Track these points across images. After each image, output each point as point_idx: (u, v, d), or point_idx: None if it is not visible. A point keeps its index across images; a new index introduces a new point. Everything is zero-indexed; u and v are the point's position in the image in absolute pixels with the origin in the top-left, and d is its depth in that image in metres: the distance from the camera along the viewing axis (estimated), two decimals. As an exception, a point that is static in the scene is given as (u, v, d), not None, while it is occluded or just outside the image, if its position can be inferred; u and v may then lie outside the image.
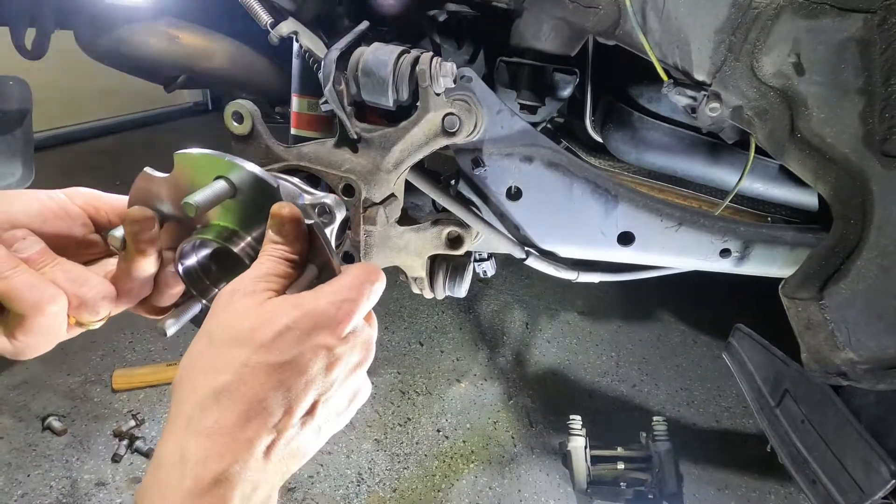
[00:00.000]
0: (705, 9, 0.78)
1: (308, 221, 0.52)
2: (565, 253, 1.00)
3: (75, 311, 0.53)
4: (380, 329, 0.58)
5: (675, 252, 0.96)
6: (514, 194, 0.94)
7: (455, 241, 0.94)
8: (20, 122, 1.31)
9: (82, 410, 2.01)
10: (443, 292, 1.00)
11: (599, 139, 1.28)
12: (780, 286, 0.86)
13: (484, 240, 0.96)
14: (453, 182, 0.97)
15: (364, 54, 0.77)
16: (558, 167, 0.92)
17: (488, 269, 1.09)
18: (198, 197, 0.50)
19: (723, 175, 1.16)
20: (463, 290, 1.00)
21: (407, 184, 0.90)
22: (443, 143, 0.82)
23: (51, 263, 0.52)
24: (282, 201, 0.53)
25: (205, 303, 0.60)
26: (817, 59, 0.73)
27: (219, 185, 0.53)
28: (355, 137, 0.81)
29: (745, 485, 1.90)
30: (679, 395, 2.31)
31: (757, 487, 1.89)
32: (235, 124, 0.76)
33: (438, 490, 1.84)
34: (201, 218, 0.57)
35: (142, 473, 1.81)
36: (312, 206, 0.57)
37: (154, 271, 0.57)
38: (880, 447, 0.94)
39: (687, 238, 0.95)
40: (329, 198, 0.58)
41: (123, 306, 0.58)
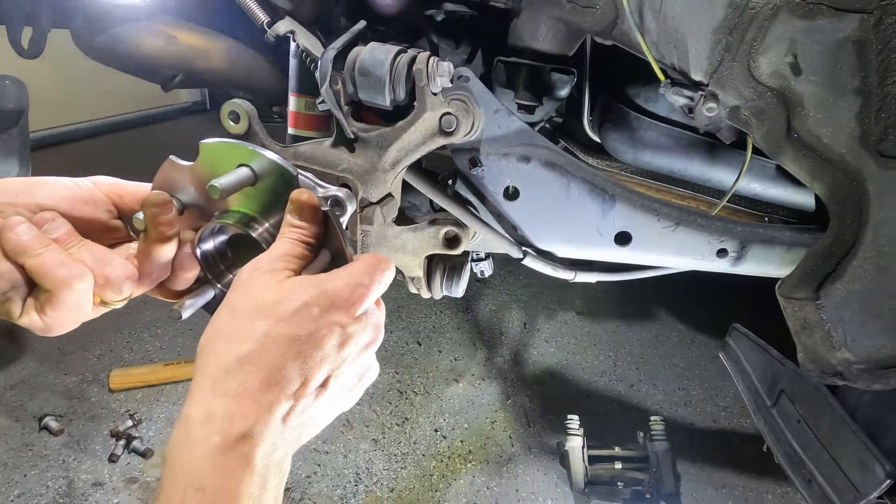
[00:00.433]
0: (702, 9, 0.79)
1: (324, 208, 0.56)
2: (563, 253, 1.00)
3: (100, 290, 0.56)
4: (377, 329, 0.58)
5: (673, 252, 0.96)
6: (512, 194, 0.94)
7: (452, 241, 0.94)
8: (16, 122, 1.31)
9: (79, 410, 2.01)
10: (440, 292, 1.00)
11: (597, 139, 1.28)
12: (776, 286, 0.86)
13: (481, 240, 0.96)
14: (450, 182, 0.96)
15: (361, 54, 0.77)
16: (555, 167, 0.92)
17: (486, 268, 1.09)
18: (222, 181, 0.54)
19: (720, 175, 1.16)
20: (460, 289, 1.00)
21: (404, 183, 0.90)
22: (440, 142, 0.82)
23: (77, 244, 0.56)
24: (300, 188, 0.56)
25: (220, 287, 0.63)
26: (814, 60, 0.74)
27: (242, 172, 0.57)
28: (352, 137, 0.81)
29: (742, 484, 1.91)
30: (677, 394, 2.31)
31: (754, 487, 1.90)
32: (232, 123, 0.76)
33: (436, 490, 1.84)
34: (221, 204, 0.60)
35: (139, 473, 1.80)
36: (325, 199, 0.59)
37: (172, 254, 0.60)
38: (875, 447, 0.94)
39: (684, 238, 0.95)
40: (341, 191, 0.62)
41: (144, 288, 0.60)
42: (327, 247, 0.57)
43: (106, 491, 1.74)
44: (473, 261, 1.08)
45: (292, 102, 1.03)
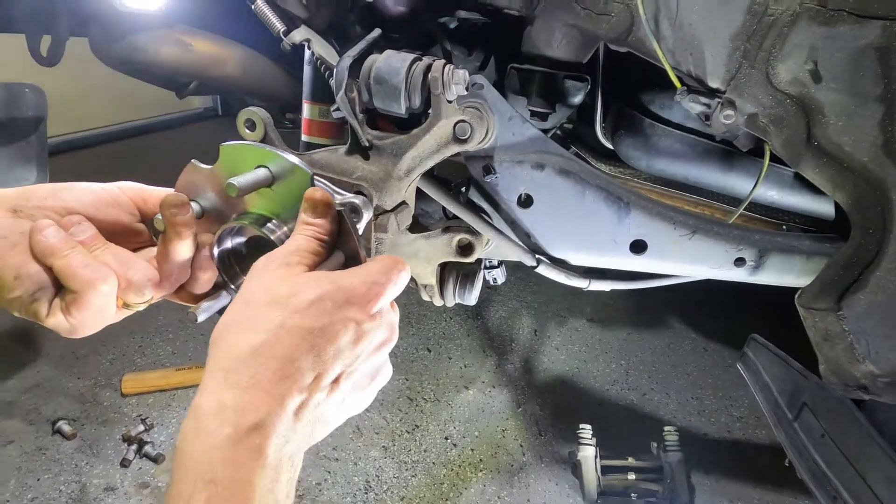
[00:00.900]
0: (719, 16, 0.78)
1: (338, 207, 0.57)
2: (577, 261, 0.99)
3: (123, 292, 0.57)
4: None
5: (689, 260, 0.95)
6: (525, 202, 0.93)
7: (466, 249, 0.94)
8: (35, 128, 1.33)
9: (92, 415, 2.02)
10: (453, 300, 1.00)
11: (610, 146, 1.28)
12: (796, 296, 0.85)
13: (494, 247, 0.96)
14: (464, 189, 0.96)
15: (376, 62, 0.77)
16: (570, 174, 0.91)
17: (498, 276, 1.09)
18: (240, 179, 0.55)
19: (736, 183, 1.15)
20: (473, 297, 0.99)
21: (418, 191, 0.90)
22: (454, 150, 0.81)
23: (101, 247, 0.57)
24: (315, 187, 0.57)
25: (235, 290, 0.64)
26: (835, 67, 0.72)
27: (259, 172, 0.58)
28: (367, 145, 0.81)
29: (758, 497, 1.87)
30: (690, 404, 2.28)
31: (770, 500, 1.86)
32: (248, 131, 0.76)
33: (446, 499, 1.82)
34: (240, 207, 0.61)
35: (151, 478, 1.81)
36: (342, 205, 0.59)
37: (190, 255, 0.61)
38: (904, 464, 0.91)
39: (701, 246, 0.93)
40: (358, 198, 0.63)
41: (164, 291, 0.61)
42: (341, 248, 0.57)
43: (118, 496, 1.75)
44: (486, 268, 1.08)
45: (306, 110, 1.03)
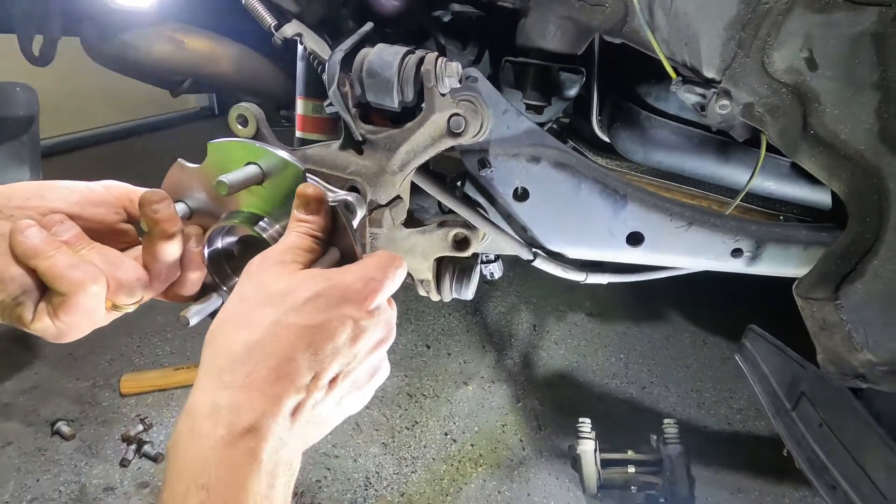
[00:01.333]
0: (714, 5, 0.77)
1: (332, 203, 0.55)
2: (573, 254, 0.99)
3: (112, 293, 0.55)
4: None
5: (686, 252, 0.95)
6: (521, 195, 0.93)
7: (461, 243, 0.93)
8: (27, 129, 1.32)
9: (91, 415, 2.02)
10: (449, 294, 0.99)
11: (606, 138, 1.27)
12: (794, 286, 0.84)
13: (491, 241, 0.95)
14: (459, 183, 0.96)
15: (368, 55, 0.76)
16: (566, 167, 0.90)
17: (495, 270, 1.08)
18: (230, 176, 0.54)
19: (733, 174, 1.15)
20: (470, 292, 0.99)
21: (413, 185, 0.89)
22: (448, 144, 0.81)
23: (87, 247, 0.55)
24: (307, 183, 0.56)
25: (227, 291, 0.63)
26: (830, 54, 0.72)
27: (249, 169, 0.57)
28: (360, 139, 0.80)
29: (758, 488, 1.87)
30: (690, 396, 2.28)
31: (770, 491, 1.86)
32: (240, 127, 0.76)
33: (447, 494, 1.82)
34: (230, 206, 0.60)
35: (150, 478, 1.81)
36: (335, 202, 0.58)
37: (177, 253, 0.59)
38: (903, 452, 0.92)
39: (698, 238, 0.93)
40: (351, 195, 0.62)
41: (154, 291, 0.60)
42: (337, 245, 0.56)
43: (117, 495, 1.75)
44: (483, 263, 1.07)
45: (300, 105, 1.03)
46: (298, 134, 1.04)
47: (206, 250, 0.61)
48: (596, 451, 1.77)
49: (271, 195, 0.59)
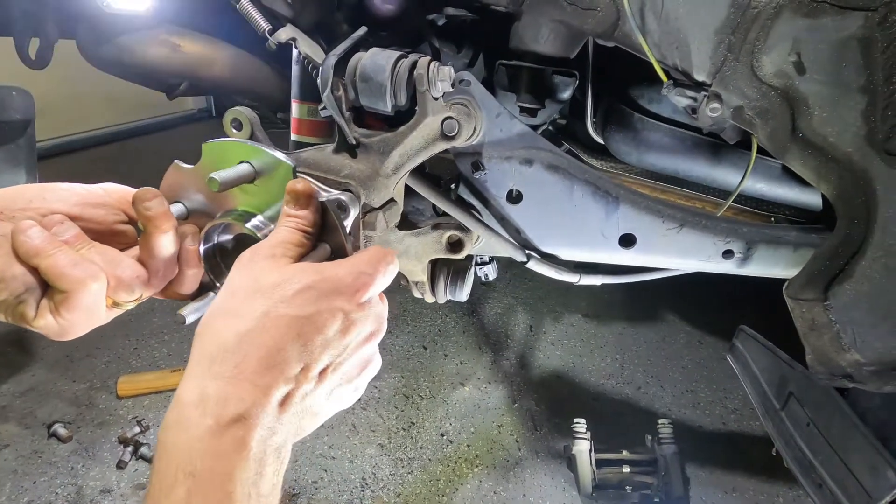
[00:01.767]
0: (704, 9, 0.78)
1: (321, 199, 0.56)
2: (567, 256, 1.00)
3: (112, 290, 0.56)
4: (383, 333, 0.58)
5: (678, 254, 0.96)
6: (515, 197, 0.94)
7: (456, 245, 0.94)
8: (23, 132, 1.32)
9: (87, 417, 2.02)
10: (444, 296, 1.00)
11: (601, 141, 1.28)
12: (784, 287, 0.85)
13: (485, 243, 0.96)
14: (453, 186, 0.96)
15: (362, 59, 0.77)
16: (558, 170, 0.91)
17: (490, 272, 1.09)
18: (222, 173, 0.55)
19: (725, 176, 1.16)
20: (464, 294, 1.00)
21: (407, 188, 0.90)
22: (442, 147, 0.81)
23: (87, 246, 0.56)
24: (297, 179, 0.57)
25: (220, 287, 0.63)
26: (818, 58, 0.73)
27: (241, 167, 0.58)
28: (354, 143, 0.81)
29: (752, 488, 1.88)
30: (685, 397, 2.29)
31: (765, 490, 1.87)
32: (235, 131, 0.76)
33: (443, 495, 1.83)
34: (225, 204, 0.61)
35: (147, 480, 1.81)
36: (329, 202, 0.59)
37: (173, 249, 0.60)
38: (887, 451, 0.93)
39: (689, 239, 0.94)
40: (344, 195, 0.63)
41: (154, 289, 0.61)
42: (327, 241, 0.57)
43: (114, 497, 1.75)
44: (477, 264, 1.08)
45: (295, 109, 1.03)
46: (294, 137, 1.05)
47: (202, 248, 0.62)
48: (591, 451, 1.77)
49: (264, 193, 0.60)
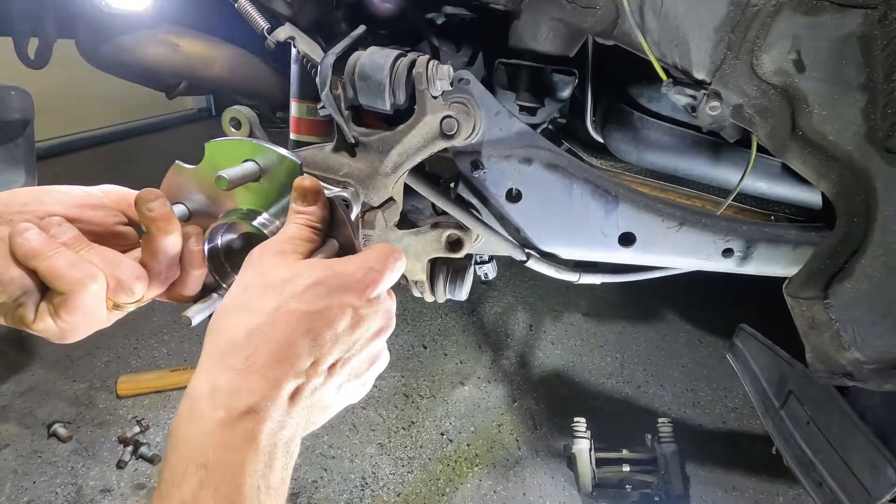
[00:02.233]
0: (704, 7, 0.78)
1: (328, 195, 0.56)
2: (566, 254, 1.00)
3: (112, 292, 0.55)
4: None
5: (677, 252, 0.96)
6: (514, 196, 0.93)
7: (455, 244, 0.94)
8: (22, 131, 1.32)
9: (87, 417, 2.02)
10: (443, 295, 1.00)
11: (600, 139, 1.28)
12: (783, 285, 0.85)
13: (484, 242, 0.96)
14: (453, 185, 0.96)
15: (360, 58, 0.77)
16: (558, 168, 0.91)
17: (489, 271, 1.09)
18: (230, 172, 0.55)
19: (725, 174, 1.16)
20: (464, 293, 1.00)
21: (406, 187, 0.90)
22: (441, 145, 0.81)
23: (86, 248, 0.55)
24: (304, 175, 0.57)
25: (225, 289, 0.63)
26: (818, 56, 0.73)
27: (247, 165, 0.58)
28: (353, 142, 0.81)
29: (752, 486, 1.88)
30: (685, 395, 2.29)
31: (765, 489, 1.87)
32: (233, 130, 0.76)
33: (443, 494, 1.83)
34: (228, 204, 0.60)
35: (147, 479, 1.81)
36: (337, 199, 0.59)
37: (176, 249, 0.59)
38: (887, 449, 0.93)
39: (689, 238, 0.94)
40: (347, 191, 0.63)
41: (155, 290, 0.60)
42: (335, 237, 0.57)
43: (114, 497, 1.75)
44: (477, 264, 1.08)
45: (294, 108, 1.03)
46: (293, 136, 1.05)
47: (206, 247, 0.61)
48: (591, 450, 1.77)
49: (269, 191, 0.59)
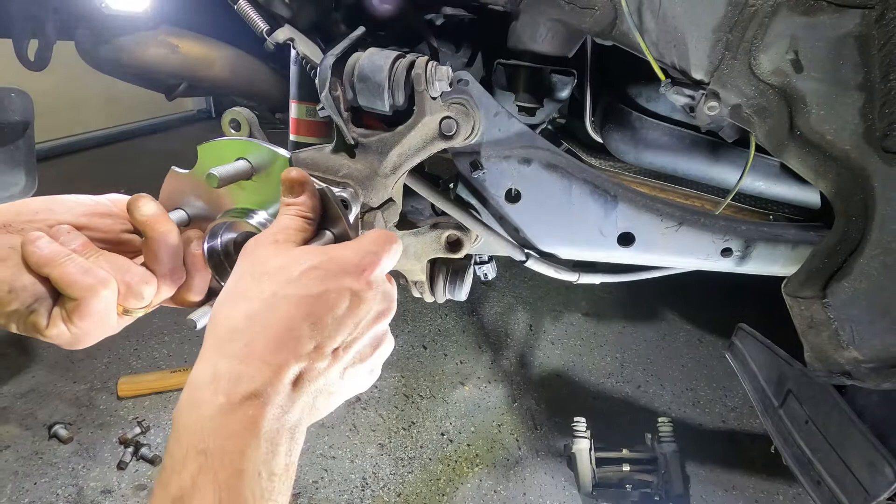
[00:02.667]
0: (702, 7, 0.78)
1: (318, 186, 0.56)
2: (565, 254, 1.00)
3: (122, 297, 0.56)
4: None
5: (676, 252, 0.96)
6: (514, 197, 0.94)
7: (454, 245, 0.94)
8: (22, 133, 1.32)
9: (88, 418, 2.02)
10: (443, 296, 1.00)
11: (599, 139, 1.28)
12: (782, 285, 0.85)
13: (483, 243, 0.96)
14: (452, 185, 0.96)
15: (359, 60, 0.77)
16: (557, 168, 0.91)
17: (489, 271, 1.09)
18: (220, 169, 0.55)
19: (723, 174, 1.16)
20: (463, 293, 1.00)
21: (405, 187, 0.90)
22: (440, 146, 0.82)
23: (95, 255, 0.56)
24: (291, 167, 0.57)
25: None
26: (815, 56, 0.73)
27: (238, 163, 0.58)
28: (352, 143, 0.81)
29: (752, 485, 1.89)
30: (685, 395, 2.29)
31: (765, 488, 1.88)
32: (233, 131, 0.76)
33: (443, 494, 1.83)
34: (225, 204, 0.61)
35: (148, 480, 1.81)
36: (327, 190, 0.59)
37: (174, 246, 0.60)
38: (885, 448, 0.93)
39: (688, 238, 0.94)
40: (346, 191, 0.63)
41: (163, 294, 0.61)
42: (330, 229, 0.57)
43: (115, 498, 1.75)
44: (476, 264, 1.08)
45: (293, 109, 1.03)
46: (292, 137, 1.05)
47: (206, 246, 0.62)
48: (591, 449, 1.77)
49: (263, 188, 0.60)
